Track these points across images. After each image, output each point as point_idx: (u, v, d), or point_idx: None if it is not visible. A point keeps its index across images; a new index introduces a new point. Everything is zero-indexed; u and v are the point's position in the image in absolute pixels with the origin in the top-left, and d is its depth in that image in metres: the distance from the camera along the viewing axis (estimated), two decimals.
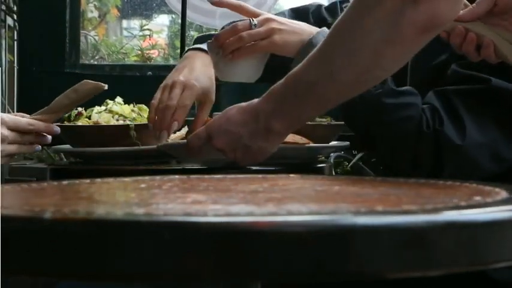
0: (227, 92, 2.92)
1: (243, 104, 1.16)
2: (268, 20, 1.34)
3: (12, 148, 1.38)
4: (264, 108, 1.10)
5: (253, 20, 1.33)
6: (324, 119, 1.67)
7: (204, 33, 1.32)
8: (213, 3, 1.45)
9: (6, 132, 1.35)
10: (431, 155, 1.20)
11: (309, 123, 1.62)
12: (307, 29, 1.36)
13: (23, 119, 1.40)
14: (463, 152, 1.18)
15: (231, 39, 1.33)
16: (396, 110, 1.22)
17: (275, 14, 1.43)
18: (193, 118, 1.68)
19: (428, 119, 1.20)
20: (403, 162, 1.26)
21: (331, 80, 1.02)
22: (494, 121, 1.20)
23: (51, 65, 2.93)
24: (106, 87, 1.50)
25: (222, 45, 1.34)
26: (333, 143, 1.69)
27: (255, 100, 1.13)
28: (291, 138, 1.55)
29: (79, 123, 1.66)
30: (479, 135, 1.19)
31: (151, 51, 3.82)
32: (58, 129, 1.44)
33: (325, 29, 1.35)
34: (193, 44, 1.57)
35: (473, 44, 1.10)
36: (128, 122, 1.63)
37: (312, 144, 1.56)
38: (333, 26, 1.02)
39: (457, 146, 1.18)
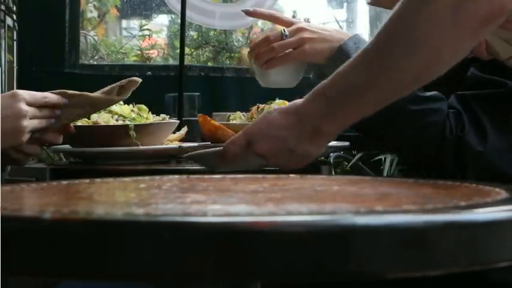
0: (226, 89, 2.93)
1: (283, 107, 1.12)
2: (299, 30, 1.38)
3: (34, 123, 1.36)
4: (310, 111, 1.05)
5: (284, 31, 1.38)
6: None
7: None
8: (246, 13, 1.50)
9: (25, 107, 1.34)
10: (454, 161, 1.20)
11: None
12: (338, 35, 1.36)
13: (38, 93, 1.39)
14: (485, 158, 1.18)
15: (263, 50, 1.38)
16: (422, 117, 1.22)
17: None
18: (193, 118, 1.68)
19: (452, 125, 1.20)
20: (426, 167, 1.26)
21: (387, 80, 0.98)
22: None
23: (51, 65, 2.93)
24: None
25: (256, 56, 1.39)
26: (333, 143, 1.69)
27: (297, 102, 1.08)
28: None
29: (78, 123, 1.66)
30: (500, 141, 1.19)
31: (151, 51, 3.82)
32: (66, 101, 1.42)
33: (357, 34, 1.37)
34: None
35: None
36: (127, 122, 1.63)
37: None
38: (382, 26, 0.97)
39: (479, 152, 1.18)
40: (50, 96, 1.40)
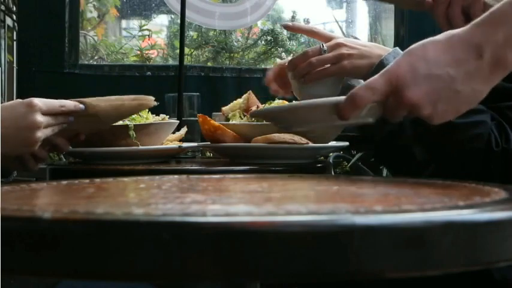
0: (226, 89, 2.93)
1: (438, 39, 0.89)
2: (338, 45, 1.38)
3: (47, 132, 1.36)
4: (491, 37, 0.84)
5: (323, 46, 1.38)
6: None
7: None
8: (285, 28, 1.51)
9: (40, 118, 1.33)
10: (499, 172, 1.19)
11: None
12: (376, 51, 1.36)
13: (55, 101, 1.38)
14: None
15: (302, 64, 1.38)
16: (466, 129, 1.20)
17: None
18: (193, 118, 1.68)
19: (497, 137, 1.19)
20: (470, 178, 1.25)
21: None
22: None
23: (51, 65, 2.93)
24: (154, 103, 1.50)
25: (295, 70, 1.39)
26: (332, 143, 1.69)
27: (455, 32, 0.87)
28: (290, 138, 1.55)
29: None
30: None
31: (151, 51, 3.82)
32: (83, 106, 1.41)
33: (397, 49, 1.35)
34: None
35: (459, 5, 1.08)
36: (127, 122, 1.63)
37: (311, 144, 1.56)
38: None
39: None
40: (67, 104, 1.39)
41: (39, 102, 1.34)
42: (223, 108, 1.76)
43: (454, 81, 0.86)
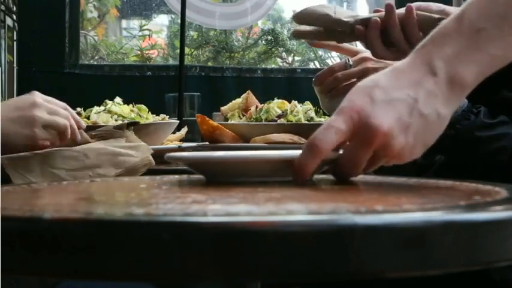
0: (226, 89, 2.93)
1: (384, 71, 0.81)
2: (363, 60, 1.39)
3: (46, 110, 1.34)
4: (439, 53, 0.78)
5: (348, 60, 1.39)
6: (322, 119, 1.67)
7: None
8: (311, 45, 1.59)
9: (40, 98, 1.32)
10: None
11: (308, 123, 1.62)
12: None
13: (59, 104, 1.37)
14: None
15: (328, 79, 1.40)
16: (490, 142, 1.20)
17: None
18: (193, 118, 1.68)
19: None
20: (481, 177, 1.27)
21: None
22: None
23: (51, 65, 2.93)
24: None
25: (321, 85, 1.41)
26: None
27: (402, 61, 0.81)
28: (290, 138, 1.55)
29: None
30: None
31: (151, 51, 3.82)
32: (79, 137, 1.38)
33: None
34: None
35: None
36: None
37: None
38: None
39: None
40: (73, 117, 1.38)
41: (43, 102, 1.33)
42: (222, 108, 1.76)
43: (416, 102, 0.77)
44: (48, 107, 1.33)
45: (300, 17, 1.20)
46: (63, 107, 1.37)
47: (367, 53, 1.39)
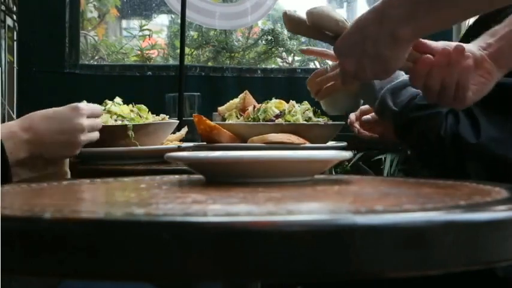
0: (226, 89, 2.93)
1: (362, 14, 1.09)
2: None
3: (90, 135, 1.40)
4: (388, 14, 1.03)
5: (328, 66, 1.61)
6: (320, 119, 1.67)
7: None
8: (302, 52, 1.79)
9: (85, 121, 1.36)
10: (454, 157, 1.27)
11: (306, 123, 1.62)
12: None
13: (95, 105, 1.42)
14: (481, 149, 1.24)
15: (312, 84, 1.59)
16: (420, 122, 1.31)
17: None
18: (192, 118, 1.68)
19: (447, 124, 1.27)
20: (434, 167, 1.36)
21: None
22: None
23: (51, 65, 2.93)
24: None
25: (311, 89, 1.59)
26: (331, 143, 1.69)
27: (376, 5, 1.06)
28: (287, 138, 1.55)
29: None
30: (495, 131, 1.24)
31: (151, 51, 3.82)
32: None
33: None
34: None
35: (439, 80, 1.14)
36: (126, 122, 1.63)
37: (308, 145, 1.56)
38: None
39: (473, 144, 1.24)
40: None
41: (84, 106, 1.37)
42: (220, 108, 1.76)
43: (365, 44, 1.06)
44: (90, 127, 1.38)
45: (313, 15, 1.22)
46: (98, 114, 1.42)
47: None
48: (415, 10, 1.01)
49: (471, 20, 1.38)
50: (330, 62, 1.78)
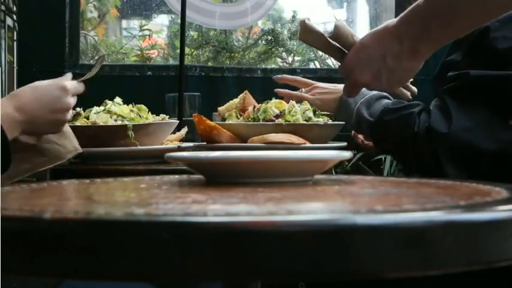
0: (226, 89, 2.93)
1: (373, 30, 1.17)
2: (313, 88, 1.78)
3: (71, 112, 1.43)
4: (406, 31, 1.10)
5: (302, 90, 1.81)
6: (320, 119, 1.67)
7: None
8: (275, 80, 1.86)
9: (72, 100, 1.40)
10: (429, 150, 1.30)
11: (306, 123, 1.62)
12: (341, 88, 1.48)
13: (75, 82, 1.44)
14: (453, 138, 1.27)
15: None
16: (394, 123, 1.38)
17: None
18: (192, 118, 1.68)
19: (420, 121, 1.32)
20: (410, 165, 1.38)
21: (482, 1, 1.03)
22: (482, 105, 1.28)
23: (51, 65, 2.93)
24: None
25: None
26: (331, 143, 1.69)
27: (389, 23, 1.13)
28: (287, 138, 1.55)
29: (77, 123, 1.66)
30: (466, 120, 1.27)
31: (151, 51, 3.82)
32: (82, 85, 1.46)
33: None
34: None
35: None
36: (125, 122, 1.63)
37: (308, 145, 1.56)
38: None
39: (444, 133, 1.27)
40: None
41: (70, 85, 1.40)
42: (219, 108, 1.76)
43: (386, 60, 1.14)
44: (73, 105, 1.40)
45: (340, 27, 1.25)
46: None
47: (318, 84, 1.78)
48: (428, 27, 1.08)
49: None
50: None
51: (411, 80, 1.32)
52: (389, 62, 1.14)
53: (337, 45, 1.25)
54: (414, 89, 1.39)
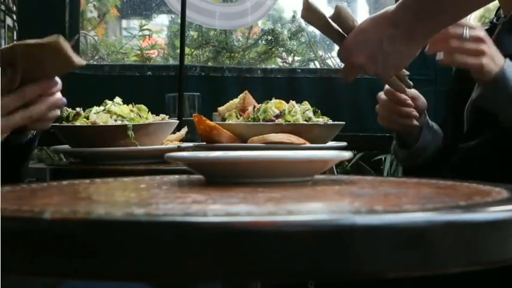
0: (226, 89, 2.93)
1: (372, 16, 1.21)
2: (480, 40, 1.24)
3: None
4: (402, 16, 1.14)
5: (466, 32, 1.22)
6: (320, 119, 1.67)
7: None
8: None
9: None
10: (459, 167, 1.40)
11: (306, 123, 1.62)
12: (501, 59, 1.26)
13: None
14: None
15: (439, 41, 1.24)
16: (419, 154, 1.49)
17: None
18: (192, 118, 1.68)
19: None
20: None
21: None
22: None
23: None
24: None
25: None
26: (331, 143, 1.69)
27: (389, 9, 1.17)
28: (287, 138, 1.55)
29: (77, 123, 1.66)
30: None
31: (151, 51, 3.82)
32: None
33: (507, 60, 1.26)
34: None
35: None
36: (125, 122, 1.63)
37: (308, 145, 1.56)
38: None
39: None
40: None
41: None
42: (219, 109, 1.76)
43: (382, 43, 1.15)
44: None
45: (342, 9, 1.26)
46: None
47: (484, 34, 1.25)
48: (422, 12, 1.12)
49: None
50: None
51: (411, 82, 1.32)
52: (385, 45, 1.16)
53: (338, 28, 1.26)
54: (410, 82, 1.35)
